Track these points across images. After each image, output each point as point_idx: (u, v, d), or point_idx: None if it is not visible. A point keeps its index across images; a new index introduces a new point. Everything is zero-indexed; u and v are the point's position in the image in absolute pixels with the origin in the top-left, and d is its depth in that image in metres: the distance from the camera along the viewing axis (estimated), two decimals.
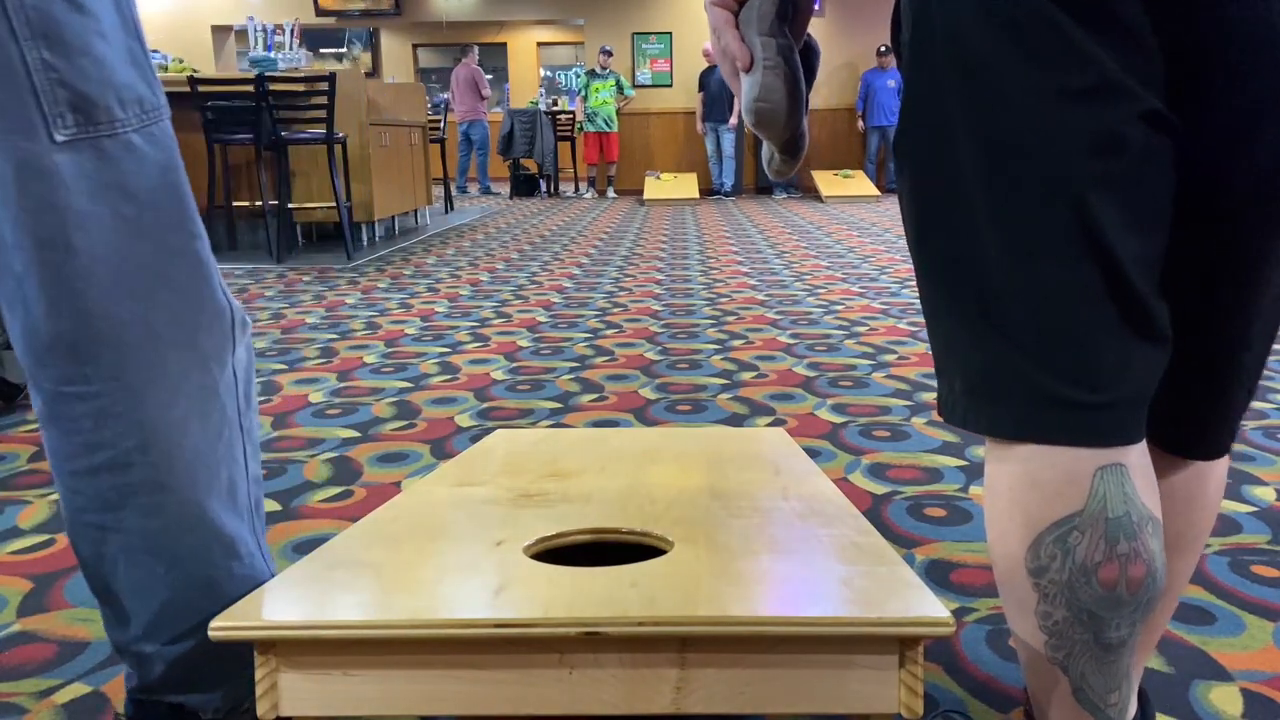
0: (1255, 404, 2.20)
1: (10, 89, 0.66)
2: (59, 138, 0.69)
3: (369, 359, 2.82)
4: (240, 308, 0.87)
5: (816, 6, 10.62)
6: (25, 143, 0.67)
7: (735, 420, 2.15)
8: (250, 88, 4.77)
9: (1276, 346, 2.74)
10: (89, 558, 0.83)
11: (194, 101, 4.79)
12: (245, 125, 4.90)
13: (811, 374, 2.57)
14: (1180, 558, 0.82)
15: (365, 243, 5.76)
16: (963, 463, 1.85)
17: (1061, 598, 0.68)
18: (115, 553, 0.81)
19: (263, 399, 2.39)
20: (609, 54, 9.82)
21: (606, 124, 9.86)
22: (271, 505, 1.68)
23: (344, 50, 12.59)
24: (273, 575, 0.91)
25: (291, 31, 5.91)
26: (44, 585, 1.39)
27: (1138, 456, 0.66)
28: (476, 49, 10.51)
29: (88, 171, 0.70)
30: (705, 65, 9.77)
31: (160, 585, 0.82)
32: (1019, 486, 0.68)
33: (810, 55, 0.82)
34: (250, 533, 0.90)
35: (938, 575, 1.38)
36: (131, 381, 0.76)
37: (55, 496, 1.70)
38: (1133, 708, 0.78)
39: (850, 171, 10.11)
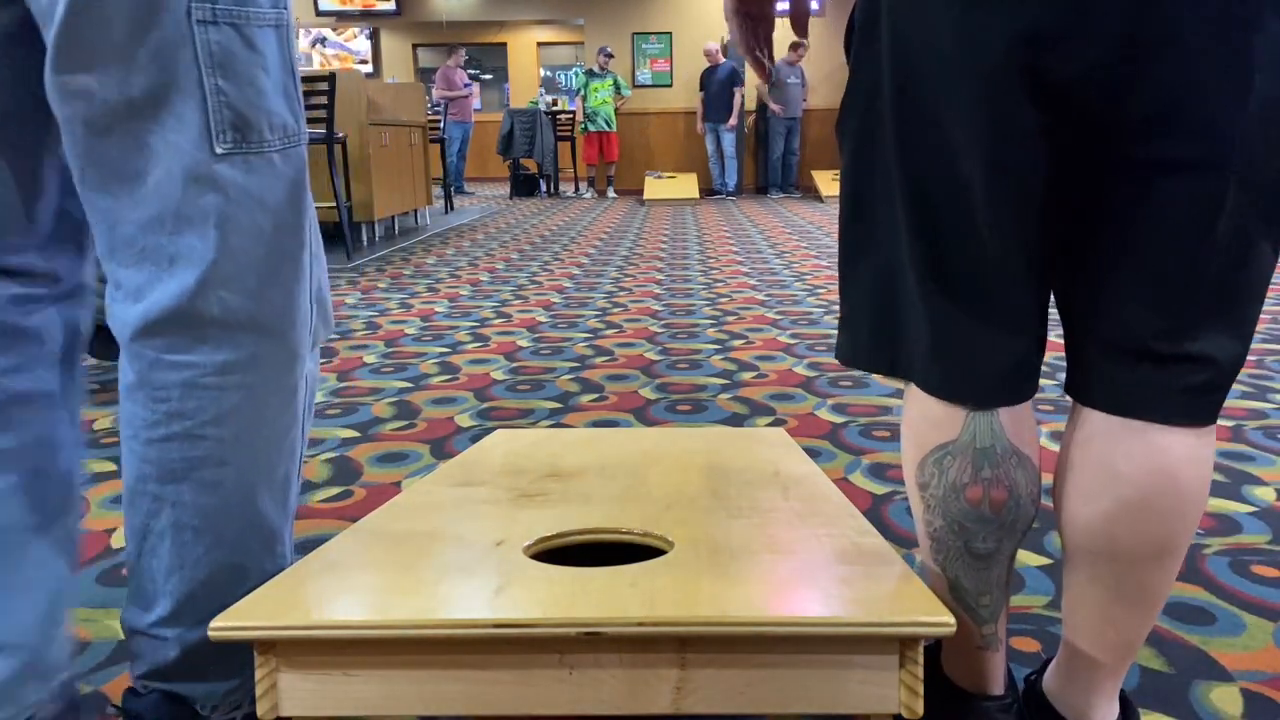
0: (1255, 404, 2.20)
1: (192, 104, 0.80)
2: (219, 150, 0.81)
3: (369, 359, 2.82)
4: (318, 319, 0.96)
5: (817, 7, 10.62)
6: (194, 150, 0.81)
7: (735, 420, 2.15)
8: None
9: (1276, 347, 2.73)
10: (137, 528, 0.88)
11: None
12: None
13: (811, 374, 2.56)
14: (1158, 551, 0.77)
15: (365, 243, 5.76)
16: None
17: (939, 509, 0.82)
18: (164, 527, 0.86)
19: None
20: (609, 55, 9.81)
21: (607, 124, 9.87)
22: None
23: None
24: None
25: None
26: None
27: (1013, 407, 0.80)
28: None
29: (236, 180, 0.83)
30: (706, 65, 9.76)
31: (198, 565, 0.87)
32: (915, 418, 0.83)
33: None
34: (289, 533, 0.95)
35: None
36: (226, 360, 0.85)
37: None
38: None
39: None
